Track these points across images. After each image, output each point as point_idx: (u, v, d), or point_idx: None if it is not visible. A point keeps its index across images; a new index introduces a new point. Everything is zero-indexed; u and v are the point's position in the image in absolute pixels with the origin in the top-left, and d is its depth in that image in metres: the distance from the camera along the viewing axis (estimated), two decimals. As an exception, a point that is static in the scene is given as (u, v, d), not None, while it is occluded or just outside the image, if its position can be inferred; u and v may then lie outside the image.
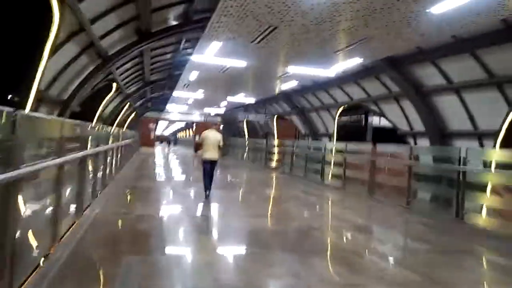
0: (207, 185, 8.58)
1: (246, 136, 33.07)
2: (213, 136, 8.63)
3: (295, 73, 14.02)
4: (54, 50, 7.97)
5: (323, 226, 6.94)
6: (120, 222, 6.28)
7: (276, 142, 22.00)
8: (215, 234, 6.02)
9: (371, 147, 10.67)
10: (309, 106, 20.36)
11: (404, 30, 9.20)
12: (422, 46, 11.31)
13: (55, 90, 10.44)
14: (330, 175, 13.03)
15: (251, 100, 22.58)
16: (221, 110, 30.47)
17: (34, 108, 8.53)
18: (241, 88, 19.10)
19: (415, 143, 13.85)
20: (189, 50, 15.30)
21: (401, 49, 11.66)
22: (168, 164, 21.07)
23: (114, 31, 10.60)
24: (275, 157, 19.59)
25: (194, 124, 43.93)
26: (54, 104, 10.94)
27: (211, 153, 8.57)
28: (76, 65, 10.50)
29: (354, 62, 12.30)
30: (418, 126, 13.33)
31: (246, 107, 27.76)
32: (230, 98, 22.34)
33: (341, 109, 18.30)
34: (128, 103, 23.22)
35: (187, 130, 62.33)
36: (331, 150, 14.48)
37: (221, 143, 8.74)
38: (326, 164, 13.46)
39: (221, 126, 36.84)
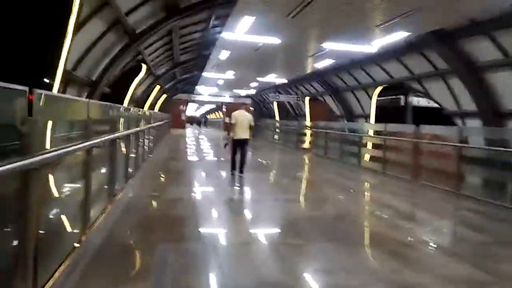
0: (236, 166, 8.77)
1: (277, 118, 32.27)
2: (244, 116, 8.72)
3: (332, 50, 13.05)
4: (78, 27, 7.61)
5: (365, 213, 6.34)
6: (154, 205, 6.12)
7: (308, 123, 21.34)
8: (248, 221, 5.62)
9: (414, 128, 9.79)
10: (344, 86, 19.27)
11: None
12: (475, 17, 10.08)
13: (83, 70, 9.94)
14: (368, 158, 12.36)
15: (283, 80, 21.70)
16: (251, 92, 29.71)
17: (62, 90, 8.29)
18: (273, 68, 18.27)
19: (463, 124, 12.66)
20: (218, 29, 14.56)
21: (452, 21, 10.49)
22: (199, 146, 20.61)
23: (141, 6, 10.16)
24: (307, 139, 18.94)
25: (224, 105, 43.48)
26: (82, 86, 10.53)
27: (242, 133, 8.64)
28: (103, 44, 9.99)
29: (398, 36, 11.22)
30: (468, 105, 12.13)
31: (276, 88, 26.89)
32: (261, 79, 21.55)
33: (379, 88, 17.16)
34: (159, 85, 22.87)
35: (217, 112, 62.10)
36: (369, 132, 13.70)
37: (252, 123, 8.83)
38: (363, 147, 12.79)
39: (251, 108, 36.27)
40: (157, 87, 23.11)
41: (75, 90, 10.02)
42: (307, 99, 25.31)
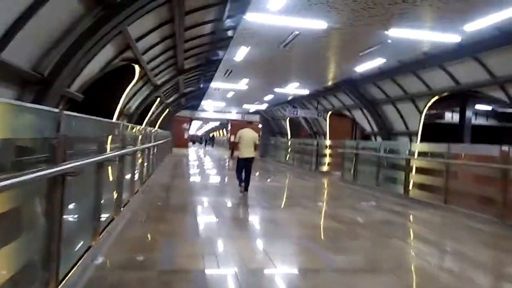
0: (242, 180, 8.65)
1: (289, 136, 28.32)
2: (248, 134, 8.59)
3: (396, 40, 9.09)
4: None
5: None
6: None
7: (328, 142, 17.73)
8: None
9: (500, 150, 6.98)
10: (383, 97, 15.37)
11: None
12: None
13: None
14: (418, 186, 9.73)
15: (304, 92, 17.83)
16: (262, 107, 25.84)
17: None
18: (297, 74, 14.41)
19: None
20: (235, 18, 10.66)
21: None
22: (204, 169, 17.38)
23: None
24: (328, 160, 16.74)
25: (230, 123, 39.60)
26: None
27: (247, 151, 8.53)
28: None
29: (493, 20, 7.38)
30: None
31: (291, 102, 22.99)
32: (279, 90, 17.67)
33: (434, 99, 13.22)
34: (159, 98, 18.99)
35: (221, 130, 58.16)
36: (420, 153, 10.62)
37: (257, 142, 8.63)
38: (411, 172, 10.11)
39: (260, 125, 32.39)
40: (157, 101, 19.20)
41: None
42: (328, 114, 21.40)
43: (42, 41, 5.75)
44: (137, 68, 10.95)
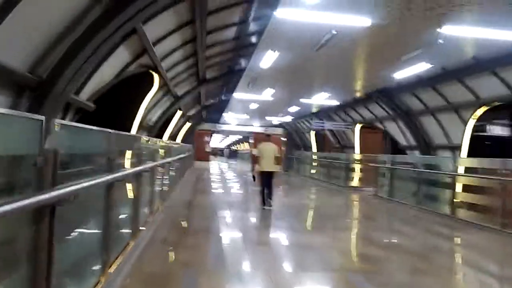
0: (265, 196, 8.51)
1: (314, 149, 26.99)
2: (269, 148, 8.50)
3: (451, 37, 7.76)
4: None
5: None
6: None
7: (358, 156, 17.28)
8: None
9: None
10: (421, 108, 13.96)
11: None
12: None
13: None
14: (464, 206, 8.78)
15: (333, 102, 16.60)
16: (286, 119, 24.70)
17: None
18: (329, 83, 13.22)
19: None
20: (260, 23, 9.63)
21: None
22: (227, 184, 16.76)
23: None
24: (357, 175, 15.95)
25: (251, 136, 38.59)
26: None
27: (268, 165, 8.40)
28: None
29: None
30: None
31: (317, 114, 21.75)
32: (305, 101, 16.50)
33: (482, 109, 11.74)
34: (180, 111, 18.15)
35: (243, 143, 57.27)
36: (468, 169, 9.63)
37: (278, 154, 8.54)
38: (460, 190, 9.27)
39: (283, 138, 31.20)
40: (179, 112, 18.35)
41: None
42: (358, 126, 20.04)
43: (39, 38, 4.80)
44: (156, 76, 10.04)
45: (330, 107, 19.57)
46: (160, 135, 16.83)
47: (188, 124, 25.36)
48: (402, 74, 10.68)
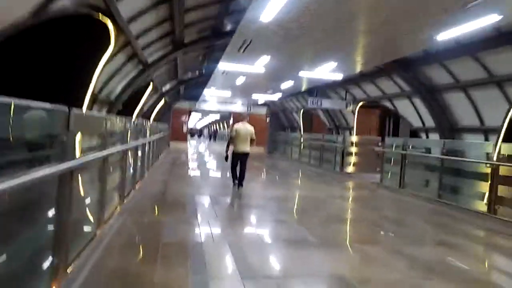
0: (236, 177, 8.44)
1: (301, 130, 24.19)
2: (244, 129, 8.36)
3: None
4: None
5: None
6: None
7: (355, 138, 14.89)
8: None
9: None
10: (450, 81, 11.18)
11: None
12: None
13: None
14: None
15: (336, 76, 13.61)
16: (275, 97, 21.60)
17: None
18: (341, 48, 10.13)
19: None
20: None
21: None
22: (207, 168, 14.85)
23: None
24: (355, 159, 14.23)
25: (232, 116, 35.36)
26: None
27: (243, 146, 8.31)
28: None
29: None
30: None
31: (311, 92, 18.72)
32: (306, 73, 13.43)
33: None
34: (152, 84, 14.77)
35: (222, 123, 53.86)
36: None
37: (253, 136, 8.43)
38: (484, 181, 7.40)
39: (268, 119, 28.20)
40: (151, 86, 14.97)
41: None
42: (358, 105, 17.21)
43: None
44: (110, 25, 6.71)
45: (327, 84, 16.61)
46: (126, 112, 13.44)
47: (163, 102, 21.88)
48: (452, 33, 7.72)
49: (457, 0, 6.31)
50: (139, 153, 8.45)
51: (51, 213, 3.11)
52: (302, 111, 23.80)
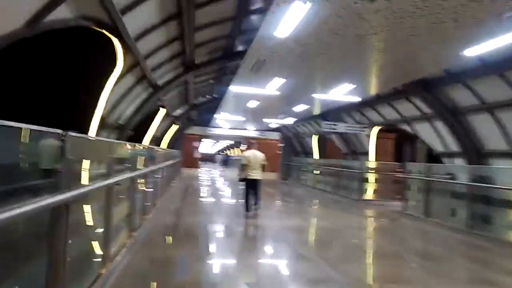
0: (249, 207, 8.28)
1: (316, 155, 23.49)
2: (256, 156, 8.37)
3: None
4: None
5: None
6: None
7: (373, 164, 14.84)
8: None
9: None
10: (474, 103, 10.51)
11: None
12: None
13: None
14: None
15: (353, 98, 13.08)
16: (288, 122, 21.10)
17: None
18: (358, 68, 9.61)
19: None
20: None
21: None
22: (221, 198, 13.62)
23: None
24: (374, 186, 13.56)
25: (244, 141, 34.86)
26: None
27: (255, 173, 8.28)
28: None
29: None
30: None
31: (324, 116, 18.18)
32: (320, 96, 12.92)
33: None
34: (163, 110, 14.42)
35: (234, 149, 53.45)
36: None
37: (264, 162, 8.44)
38: None
39: (279, 143, 27.62)
40: (162, 111, 14.62)
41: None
42: (375, 129, 16.56)
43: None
44: (115, 41, 6.31)
45: (342, 107, 16.06)
46: (137, 139, 13.03)
47: (174, 127, 21.57)
48: (481, 48, 7.13)
49: (492, 10, 5.75)
50: (150, 181, 7.93)
51: (41, 252, 2.62)
52: (316, 136, 23.21)
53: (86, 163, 3.82)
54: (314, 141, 23.79)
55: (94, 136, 8.14)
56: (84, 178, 3.64)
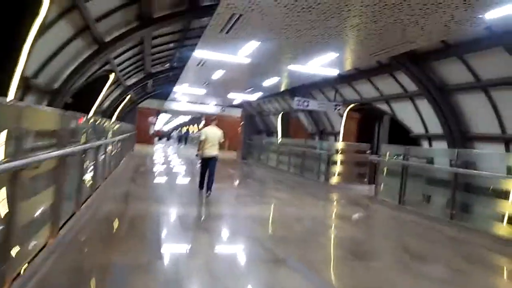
0: (204, 183, 8.25)
1: (279, 135, 22.15)
2: (213, 133, 8.28)
3: None
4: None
5: None
6: None
7: (341, 145, 13.35)
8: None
9: None
10: (468, 80, 9.40)
11: None
12: None
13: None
14: None
15: (331, 71, 11.67)
16: (254, 97, 19.43)
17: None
18: (348, 34, 8.05)
19: None
20: None
21: None
22: (176, 178, 12.44)
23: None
24: (340, 169, 12.55)
25: (204, 118, 32.79)
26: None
27: (211, 150, 8.20)
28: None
29: None
30: None
31: (294, 92, 16.67)
32: (297, 67, 11.37)
33: None
34: (113, 74, 12.11)
35: (192, 126, 50.97)
36: None
37: (222, 140, 8.33)
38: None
39: (242, 121, 25.99)
40: (112, 76, 12.30)
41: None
42: (348, 107, 15.34)
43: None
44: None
45: (314, 83, 14.68)
46: (79, 108, 10.69)
47: (127, 98, 19.07)
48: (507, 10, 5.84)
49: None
50: (89, 161, 6.04)
51: None
52: (281, 113, 21.79)
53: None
54: (279, 120, 22.38)
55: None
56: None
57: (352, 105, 15.05)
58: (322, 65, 10.96)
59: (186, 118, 46.38)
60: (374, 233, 6.64)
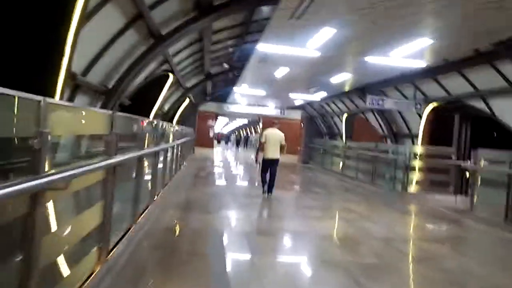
0: (266, 183, 7.99)
1: (343, 138, 20.32)
2: (274, 135, 8.08)
3: None
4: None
5: None
6: None
7: (420, 149, 11.57)
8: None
9: None
10: None
11: None
12: None
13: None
14: None
15: (417, 63, 9.84)
16: (317, 97, 17.88)
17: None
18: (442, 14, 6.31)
19: None
20: None
21: None
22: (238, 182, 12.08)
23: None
24: (420, 176, 10.89)
25: (262, 120, 31.74)
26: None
27: (272, 152, 7.98)
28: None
29: None
30: None
31: (363, 91, 14.85)
32: (374, 59, 9.70)
33: None
34: (172, 76, 11.36)
35: (250, 129, 50.36)
36: None
37: (283, 142, 8.07)
38: None
39: (302, 124, 24.47)
40: (171, 79, 11.56)
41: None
42: (429, 107, 13.23)
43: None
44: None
45: (388, 79, 12.84)
46: (137, 111, 10.02)
47: (187, 101, 18.53)
48: None
49: None
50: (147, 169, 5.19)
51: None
52: (346, 114, 19.99)
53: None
54: (343, 121, 20.56)
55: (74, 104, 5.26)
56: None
57: (436, 104, 12.90)
58: (404, 56, 9.22)
59: (244, 121, 45.82)
60: (486, 261, 4.89)
